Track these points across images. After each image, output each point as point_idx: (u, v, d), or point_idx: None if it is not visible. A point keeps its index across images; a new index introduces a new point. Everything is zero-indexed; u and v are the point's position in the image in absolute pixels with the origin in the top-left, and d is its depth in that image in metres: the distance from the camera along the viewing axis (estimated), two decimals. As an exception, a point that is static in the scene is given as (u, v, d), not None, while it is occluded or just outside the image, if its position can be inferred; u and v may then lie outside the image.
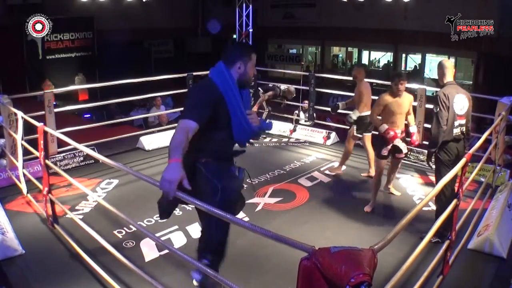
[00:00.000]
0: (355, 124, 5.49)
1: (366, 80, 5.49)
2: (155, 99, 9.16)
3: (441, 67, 3.88)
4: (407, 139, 4.89)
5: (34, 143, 4.48)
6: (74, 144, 3.42)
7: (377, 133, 4.87)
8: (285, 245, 1.70)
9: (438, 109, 3.74)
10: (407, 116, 4.77)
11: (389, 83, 4.62)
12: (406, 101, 4.62)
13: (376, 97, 4.91)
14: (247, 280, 3.27)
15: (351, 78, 5.72)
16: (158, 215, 2.91)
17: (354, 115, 5.42)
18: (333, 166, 6.00)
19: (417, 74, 13.96)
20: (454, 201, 3.10)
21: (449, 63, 4.00)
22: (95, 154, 3.44)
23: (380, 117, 4.64)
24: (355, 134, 5.53)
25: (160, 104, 9.32)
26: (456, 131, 3.78)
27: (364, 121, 5.43)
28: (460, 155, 3.72)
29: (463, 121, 3.82)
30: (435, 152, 3.84)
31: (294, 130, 7.65)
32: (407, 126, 4.86)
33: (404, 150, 4.74)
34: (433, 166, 3.95)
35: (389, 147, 4.63)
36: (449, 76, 3.84)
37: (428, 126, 6.15)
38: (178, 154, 2.11)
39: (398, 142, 4.64)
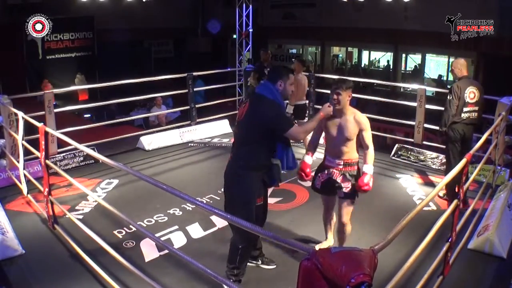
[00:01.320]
0: (293, 115, 5.99)
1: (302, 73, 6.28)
2: (156, 99, 9.16)
3: (457, 64, 4.73)
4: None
5: (34, 143, 4.48)
6: (74, 144, 3.42)
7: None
8: (285, 245, 1.70)
9: (450, 98, 4.61)
10: (364, 149, 3.35)
11: (389, 83, 4.64)
12: (351, 125, 3.28)
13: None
14: (247, 280, 3.27)
15: (351, 78, 5.73)
16: (158, 215, 2.96)
17: (289, 109, 5.94)
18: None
19: (417, 74, 13.96)
20: (455, 202, 3.10)
21: (464, 61, 4.81)
22: (95, 154, 3.44)
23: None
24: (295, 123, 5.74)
25: (161, 104, 9.33)
26: (465, 115, 4.61)
27: (300, 109, 6.06)
28: (466, 137, 4.67)
29: (473, 108, 4.62)
30: (445, 132, 4.66)
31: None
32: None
33: (344, 189, 3.35)
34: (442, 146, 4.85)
35: (322, 178, 3.50)
36: (464, 71, 4.70)
37: (428, 126, 6.20)
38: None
39: (334, 175, 3.40)
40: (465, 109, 4.58)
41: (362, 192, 3.29)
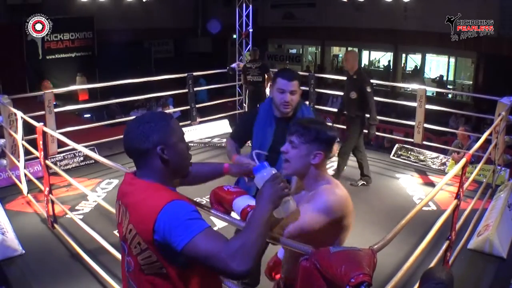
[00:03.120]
0: None
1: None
2: (163, 104, 9.18)
3: (351, 57, 5.03)
4: None
5: (34, 143, 4.49)
6: (73, 145, 3.42)
7: None
8: (285, 245, 1.70)
9: (371, 90, 4.82)
10: None
11: (389, 83, 4.65)
12: None
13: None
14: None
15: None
16: None
17: None
18: (333, 166, 5.99)
19: (417, 74, 13.95)
20: (455, 201, 3.10)
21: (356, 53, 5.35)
22: (94, 155, 3.45)
23: None
24: None
25: (168, 106, 9.33)
26: None
27: None
28: None
29: None
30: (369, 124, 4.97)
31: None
32: None
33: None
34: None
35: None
36: (357, 65, 5.02)
37: (428, 126, 6.20)
38: None
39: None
40: None
41: None
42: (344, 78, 5.43)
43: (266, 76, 7.11)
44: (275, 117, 2.57)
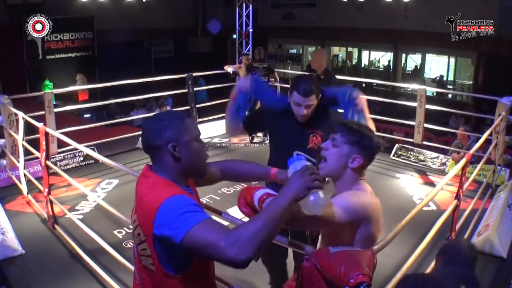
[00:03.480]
0: None
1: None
2: (162, 104, 9.17)
3: (323, 55, 5.01)
4: None
5: (34, 143, 4.49)
6: (74, 144, 3.42)
7: None
8: (284, 245, 1.70)
9: None
10: None
11: (389, 83, 4.63)
12: None
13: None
14: (246, 280, 3.27)
15: (351, 78, 5.75)
16: None
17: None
18: None
19: (417, 74, 13.95)
20: (455, 202, 3.10)
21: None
22: (95, 154, 3.45)
23: None
24: None
25: (166, 107, 9.32)
26: None
27: None
28: None
29: None
30: None
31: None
32: None
33: None
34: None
35: None
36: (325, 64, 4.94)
37: (429, 126, 6.20)
38: None
39: None
40: None
41: None
42: (343, 78, 5.44)
43: (271, 76, 7.14)
44: (295, 119, 2.55)
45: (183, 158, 1.46)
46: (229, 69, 7.72)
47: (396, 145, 6.60)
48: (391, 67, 14.70)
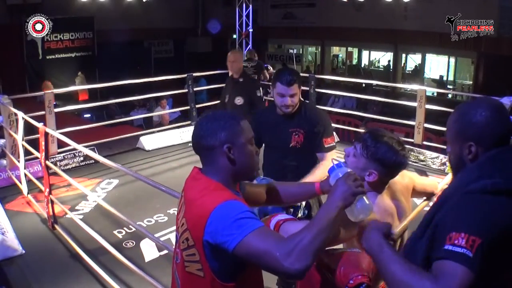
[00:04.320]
0: None
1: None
2: (161, 101, 9.17)
3: (240, 58, 4.83)
4: None
5: (34, 143, 4.49)
6: (74, 145, 3.42)
7: None
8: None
9: (260, 93, 4.66)
10: None
11: (389, 84, 4.61)
12: None
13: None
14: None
15: (351, 80, 5.74)
16: (158, 215, 2.93)
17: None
18: None
19: (417, 74, 13.96)
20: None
21: None
22: (94, 155, 3.45)
23: None
24: None
25: (166, 104, 9.34)
26: None
27: None
28: None
29: None
30: None
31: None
32: None
33: None
34: None
35: None
36: None
37: (429, 126, 6.20)
38: None
39: None
40: None
41: None
42: (343, 79, 5.42)
43: (261, 74, 7.36)
44: (279, 115, 2.66)
45: (237, 161, 1.40)
46: None
47: (396, 145, 6.59)
48: (391, 67, 14.69)
